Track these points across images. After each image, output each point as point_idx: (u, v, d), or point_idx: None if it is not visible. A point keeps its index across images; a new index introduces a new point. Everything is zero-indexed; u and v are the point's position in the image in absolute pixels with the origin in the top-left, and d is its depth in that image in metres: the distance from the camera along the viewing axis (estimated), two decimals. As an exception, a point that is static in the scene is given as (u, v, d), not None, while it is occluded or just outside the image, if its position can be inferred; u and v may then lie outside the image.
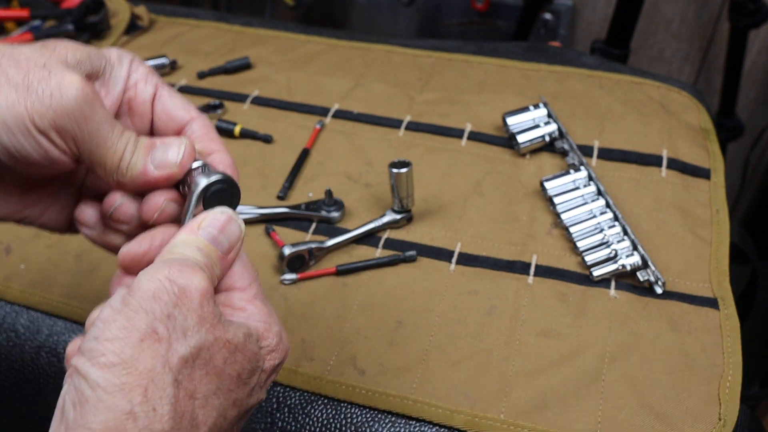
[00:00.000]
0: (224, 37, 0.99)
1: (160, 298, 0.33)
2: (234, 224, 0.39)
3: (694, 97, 0.86)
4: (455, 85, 0.89)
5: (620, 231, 0.67)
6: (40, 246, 0.69)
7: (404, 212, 0.70)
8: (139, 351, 0.32)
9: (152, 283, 0.34)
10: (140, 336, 0.32)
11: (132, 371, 0.31)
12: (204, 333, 0.34)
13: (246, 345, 0.36)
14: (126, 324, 0.32)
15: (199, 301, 0.34)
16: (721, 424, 0.54)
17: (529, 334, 0.61)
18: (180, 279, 0.34)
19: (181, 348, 0.33)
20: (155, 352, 0.32)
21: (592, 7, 1.51)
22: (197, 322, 0.34)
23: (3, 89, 0.35)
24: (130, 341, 0.32)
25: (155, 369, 0.32)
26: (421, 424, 0.56)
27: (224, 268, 0.39)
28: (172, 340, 0.32)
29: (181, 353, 0.33)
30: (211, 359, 0.34)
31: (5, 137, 0.36)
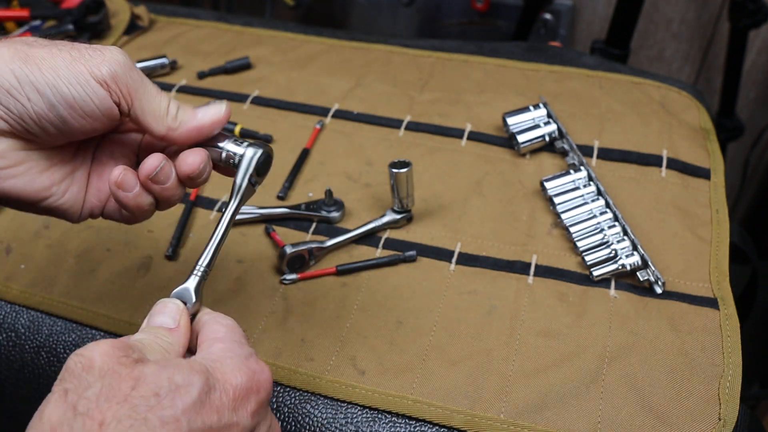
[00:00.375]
0: (224, 37, 0.99)
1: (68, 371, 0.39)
2: (168, 306, 0.44)
3: (694, 97, 0.86)
4: (455, 85, 0.89)
5: (620, 231, 0.67)
6: (40, 246, 0.69)
7: (404, 212, 0.70)
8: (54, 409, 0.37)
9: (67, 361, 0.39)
10: (55, 399, 0.37)
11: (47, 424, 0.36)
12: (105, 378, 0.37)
13: (158, 373, 0.38)
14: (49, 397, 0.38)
15: (101, 361, 0.38)
16: (720, 424, 0.54)
17: (529, 334, 0.61)
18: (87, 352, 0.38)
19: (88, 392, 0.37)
20: (63, 405, 0.37)
21: (592, 7, 1.51)
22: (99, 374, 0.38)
23: (61, 55, 0.43)
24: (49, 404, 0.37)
25: (63, 419, 0.36)
26: (421, 423, 0.56)
27: (179, 336, 0.43)
28: (79, 391, 0.37)
29: (87, 397, 0.36)
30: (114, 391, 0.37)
31: (67, 89, 0.42)
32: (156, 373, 0.37)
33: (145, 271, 0.67)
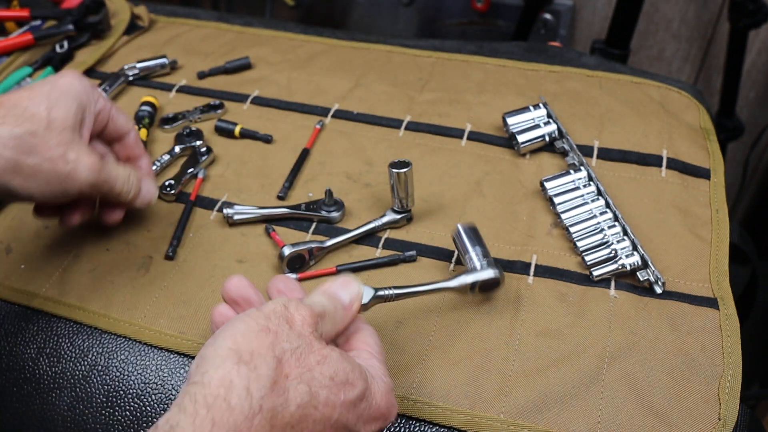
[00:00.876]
0: (224, 37, 0.99)
1: (276, 313, 0.45)
2: (353, 284, 0.51)
3: (694, 97, 0.86)
4: (455, 85, 0.89)
5: (620, 231, 0.67)
6: (40, 246, 0.69)
7: (404, 212, 0.70)
8: (255, 334, 0.43)
9: (273, 304, 0.45)
10: (258, 327, 0.43)
11: (247, 342, 0.42)
12: (302, 340, 0.44)
13: (340, 357, 0.45)
14: (249, 319, 0.44)
15: (300, 324, 0.45)
16: (720, 423, 0.54)
17: (529, 334, 0.61)
18: (292, 308, 0.45)
19: (285, 343, 0.43)
20: (266, 338, 0.43)
21: (592, 7, 1.51)
22: (298, 333, 0.44)
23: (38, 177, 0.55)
24: (249, 327, 0.43)
25: (263, 346, 0.42)
26: (421, 423, 0.56)
27: (346, 316, 0.50)
28: (279, 335, 0.43)
29: (284, 345, 0.43)
30: (306, 357, 0.43)
31: (37, 194, 0.56)
32: (338, 360, 0.44)
33: (145, 271, 0.67)
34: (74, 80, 0.60)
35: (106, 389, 0.60)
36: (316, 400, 0.42)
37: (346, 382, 0.44)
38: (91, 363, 0.61)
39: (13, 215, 0.72)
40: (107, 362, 0.61)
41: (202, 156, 0.77)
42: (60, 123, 0.56)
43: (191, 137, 0.79)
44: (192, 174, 0.76)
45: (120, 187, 0.61)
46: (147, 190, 0.65)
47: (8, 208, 0.73)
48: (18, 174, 0.54)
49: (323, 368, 0.43)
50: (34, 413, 0.61)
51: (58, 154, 0.55)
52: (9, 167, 0.53)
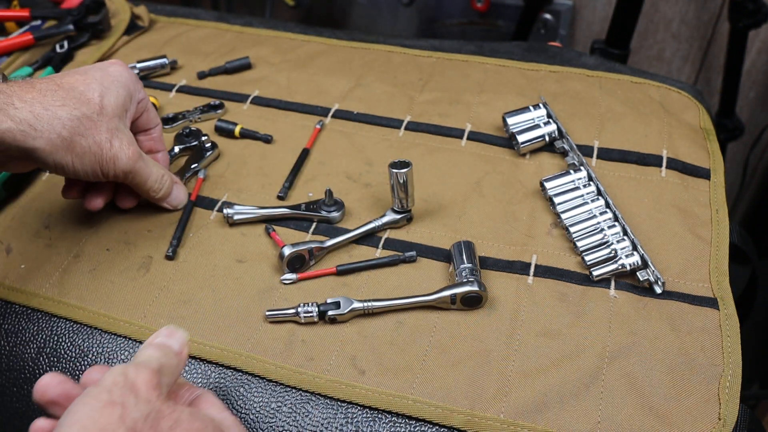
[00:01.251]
0: (224, 37, 0.99)
1: (117, 385, 0.44)
2: (179, 332, 0.51)
3: (694, 97, 0.86)
4: (455, 85, 0.89)
5: (620, 231, 0.67)
6: (40, 246, 0.69)
7: (404, 212, 0.70)
8: (101, 412, 0.42)
9: (112, 376, 0.44)
10: (102, 405, 0.42)
11: (95, 423, 0.41)
12: (150, 406, 0.43)
13: (191, 416, 0.45)
14: (91, 399, 0.43)
15: (145, 388, 0.44)
16: (720, 423, 0.54)
17: (529, 334, 0.61)
18: (131, 374, 0.45)
19: (134, 412, 0.42)
20: (114, 412, 0.42)
21: (592, 7, 1.51)
22: (145, 400, 0.44)
23: (86, 157, 0.61)
24: (94, 407, 0.42)
25: (113, 422, 0.41)
26: (421, 423, 0.56)
27: (180, 363, 0.49)
28: (126, 407, 0.42)
29: (134, 415, 0.42)
30: (158, 423, 0.43)
31: (82, 175, 0.62)
32: (189, 421, 0.45)
33: (145, 271, 0.67)
34: (123, 69, 0.66)
35: (106, 389, 0.60)
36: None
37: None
38: (91, 363, 0.61)
39: (13, 215, 0.72)
40: (107, 362, 0.61)
41: (206, 152, 0.77)
42: (111, 110, 0.62)
43: (191, 137, 0.79)
44: (195, 170, 0.76)
45: (151, 184, 0.67)
46: (176, 196, 0.71)
47: (8, 208, 0.73)
48: (70, 152, 0.59)
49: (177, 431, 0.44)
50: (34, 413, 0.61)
51: (105, 138, 0.61)
52: (64, 145, 0.59)
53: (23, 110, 0.56)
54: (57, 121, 0.58)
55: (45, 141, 0.57)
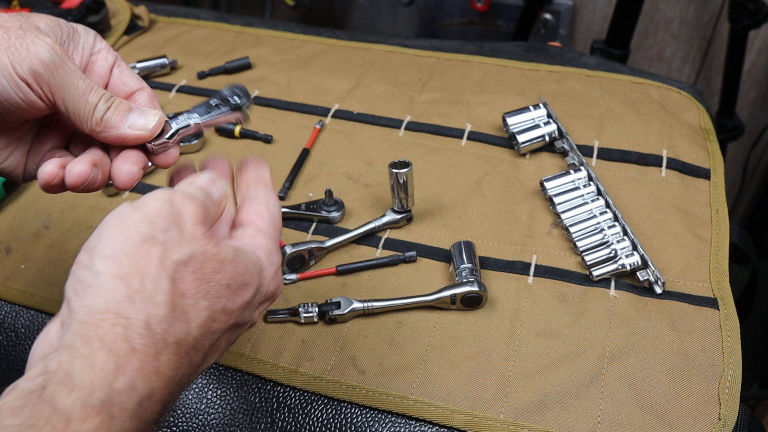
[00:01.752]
0: (224, 37, 0.99)
1: (161, 214, 0.39)
2: (220, 181, 0.46)
3: (694, 97, 0.86)
4: (455, 85, 0.89)
5: (620, 231, 0.67)
6: (40, 246, 0.69)
7: (404, 212, 0.70)
8: (139, 250, 0.37)
9: (156, 202, 0.39)
10: (141, 239, 0.37)
11: (132, 264, 0.37)
12: (195, 245, 0.39)
13: (235, 259, 0.41)
14: (128, 228, 0.38)
15: (192, 222, 0.40)
16: (720, 423, 0.54)
17: (529, 334, 0.61)
18: (178, 203, 0.40)
19: (175, 254, 0.38)
20: (153, 253, 0.37)
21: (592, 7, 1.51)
22: (190, 237, 0.39)
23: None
24: (131, 241, 0.37)
25: (152, 266, 0.37)
26: (421, 424, 0.56)
27: (218, 213, 0.44)
28: (168, 246, 0.38)
29: (175, 258, 0.38)
30: (201, 267, 0.39)
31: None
32: (233, 263, 0.40)
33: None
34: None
35: (106, 389, 0.60)
36: (215, 312, 0.39)
37: (242, 286, 0.41)
38: (91, 363, 0.61)
39: (13, 215, 0.72)
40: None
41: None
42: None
43: (192, 136, 0.79)
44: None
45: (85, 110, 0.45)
46: (134, 121, 0.46)
47: (8, 208, 0.73)
48: None
49: (220, 276, 0.40)
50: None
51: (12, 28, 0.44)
52: None
53: None
54: None
55: None
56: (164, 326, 0.36)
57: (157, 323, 0.36)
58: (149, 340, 0.35)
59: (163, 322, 0.36)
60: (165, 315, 0.36)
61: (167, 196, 0.40)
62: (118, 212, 0.39)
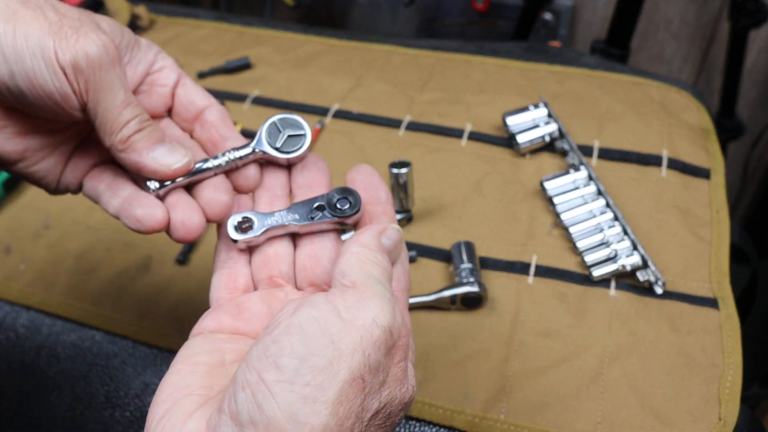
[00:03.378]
0: (224, 37, 0.99)
1: (378, 347, 0.32)
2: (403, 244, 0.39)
3: (694, 97, 0.86)
4: (455, 85, 0.89)
5: (620, 231, 0.67)
6: (40, 246, 0.69)
7: (404, 212, 0.70)
8: (343, 393, 0.30)
9: (377, 329, 0.32)
10: (350, 377, 0.30)
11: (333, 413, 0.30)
12: (393, 390, 0.33)
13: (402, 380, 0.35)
14: (339, 356, 0.30)
15: (399, 359, 0.33)
16: (721, 424, 0.54)
17: (528, 334, 0.61)
18: (396, 332, 0.33)
19: (374, 403, 0.32)
20: (354, 403, 0.31)
21: (592, 7, 1.51)
22: (392, 380, 0.33)
23: (39, 22, 0.39)
24: (338, 378, 0.30)
25: (350, 418, 0.30)
26: (421, 424, 0.56)
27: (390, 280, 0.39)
28: (371, 392, 0.31)
29: (373, 408, 0.32)
30: (389, 417, 0.33)
31: (29, 62, 0.38)
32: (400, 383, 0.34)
33: (145, 271, 0.67)
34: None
35: (106, 389, 0.60)
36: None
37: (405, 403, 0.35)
38: (90, 363, 0.61)
39: (13, 215, 0.72)
40: (107, 362, 0.61)
41: None
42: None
43: None
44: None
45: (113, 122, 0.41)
46: (162, 153, 0.43)
47: (8, 208, 0.73)
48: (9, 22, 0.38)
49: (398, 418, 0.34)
50: (34, 413, 0.61)
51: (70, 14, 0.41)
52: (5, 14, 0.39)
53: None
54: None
55: None
56: None
57: None
58: None
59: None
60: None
61: (389, 321, 0.32)
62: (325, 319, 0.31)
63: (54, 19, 0.39)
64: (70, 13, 0.41)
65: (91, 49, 0.39)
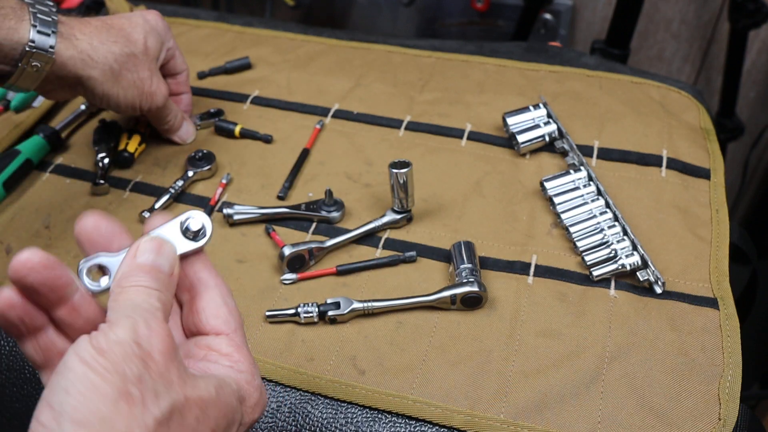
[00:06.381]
0: (224, 37, 0.99)
1: (130, 361, 0.33)
2: (167, 245, 0.41)
3: (694, 97, 0.86)
4: (455, 85, 0.89)
5: (620, 231, 0.67)
6: (40, 246, 0.69)
7: (404, 212, 0.70)
8: (116, 412, 0.31)
9: (120, 347, 0.33)
10: (116, 395, 0.32)
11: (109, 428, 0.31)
12: (173, 393, 0.34)
13: (219, 398, 0.37)
14: (98, 382, 0.32)
15: (164, 362, 0.34)
16: (720, 423, 0.54)
17: (528, 334, 0.61)
18: (145, 341, 0.34)
19: (155, 409, 0.33)
20: (132, 415, 0.32)
21: (592, 7, 1.51)
22: (166, 384, 0.34)
23: (130, 90, 0.70)
24: (106, 401, 0.31)
25: (132, 430, 0.31)
26: (421, 424, 0.56)
27: (171, 289, 0.40)
28: (145, 401, 0.32)
29: (155, 415, 0.33)
30: (183, 419, 0.34)
31: (123, 107, 0.71)
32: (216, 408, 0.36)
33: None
34: (159, 19, 0.75)
35: (106, 389, 0.60)
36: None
37: (227, 427, 0.37)
38: (91, 363, 0.61)
39: (13, 215, 0.72)
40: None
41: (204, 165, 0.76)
42: (152, 52, 0.71)
43: (203, 161, 0.77)
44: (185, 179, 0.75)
45: (170, 118, 0.77)
46: (186, 130, 0.80)
47: (8, 208, 0.73)
48: (117, 84, 0.68)
49: (206, 421, 0.35)
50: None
51: (147, 75, 0.71)
52: (114, 77, 0.67)
53: (83, 42, 0.65)
54: (110, 55, 0.67)
55: (99, 71, 0.66)
56: None
57: None
58: None
59: None
60: None
61: (131, 336, 0.34)
62: (81, 357, 0.33)
63: (135, 82, 0.72)
64: (143, 70, 0.72)
65: (159, 101, 0.74)
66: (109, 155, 0.77)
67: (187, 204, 0.74)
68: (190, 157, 0.77)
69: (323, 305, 0.61)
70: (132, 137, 0.79)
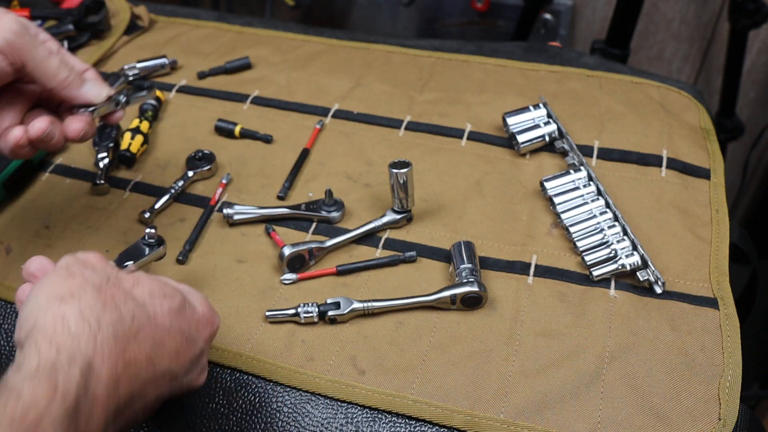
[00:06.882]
0: (224, 37, 0.99)
1: (69, 263, 0.48)
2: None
3: (694, 97, 0.86)
4: (455, 85, 0.89)
5: (620, 231, 0.67)
6: (40, 246, 0.69)
7: (404, 212, 0.70)
8: (65, 281, 0.45)
9: (62, 260, 0.49)
10: (65, 276, 0.46)
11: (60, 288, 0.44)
12: (109, 272, 0.48)
13: (152, 280, 0.49)
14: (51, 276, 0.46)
15: (98, 262, 0.49)
16: (720, 423, 0.54)
17: (529, 334, 0.61)
18: (81, 255, 0.49)
19: (95, 278, 0.46)
20: (75, 280, 0.45)
21: (592, 7, 1.51)
22: (101, 269, 0.48)
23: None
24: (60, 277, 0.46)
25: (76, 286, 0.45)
26: (421, 423, 0.56)
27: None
28: (85, 275, 0.46)
29: (95, 280, 0.46)
30: (120, 283, 0.47)
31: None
32: (149, 280, 0.49)
33: (144, 270, 0.67)
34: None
35: (106, 389, 0.60)
36: (146, 312, 0.46)
37: (164, 295, 0.48)
38: (91, 363, 0.61)
39: (13, 215, 0.72)
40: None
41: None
42: None
43: (203, 161, 0.77)
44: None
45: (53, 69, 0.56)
46: (89, 89, 0.59)
47: (8, 208, 0.73)
48: None
49: (140, 288, 0.47)
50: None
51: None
52: None
53: None
54: None
55: None
56: (96, 313, 0.43)
57: (90, 312, 0.43)
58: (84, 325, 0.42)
59: (94, 311, 0.43)
60: (95, 307, 0.43)
61: (71, 255, 0.49)
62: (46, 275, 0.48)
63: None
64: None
65: (13, 26, 0.54)
66: (109, 155, 0.77)
67: (188, 204, 0.74)
68: (190, 157, 0.77)
69: (323, 305, 0.61)
70: (135, 137, 0.78)
